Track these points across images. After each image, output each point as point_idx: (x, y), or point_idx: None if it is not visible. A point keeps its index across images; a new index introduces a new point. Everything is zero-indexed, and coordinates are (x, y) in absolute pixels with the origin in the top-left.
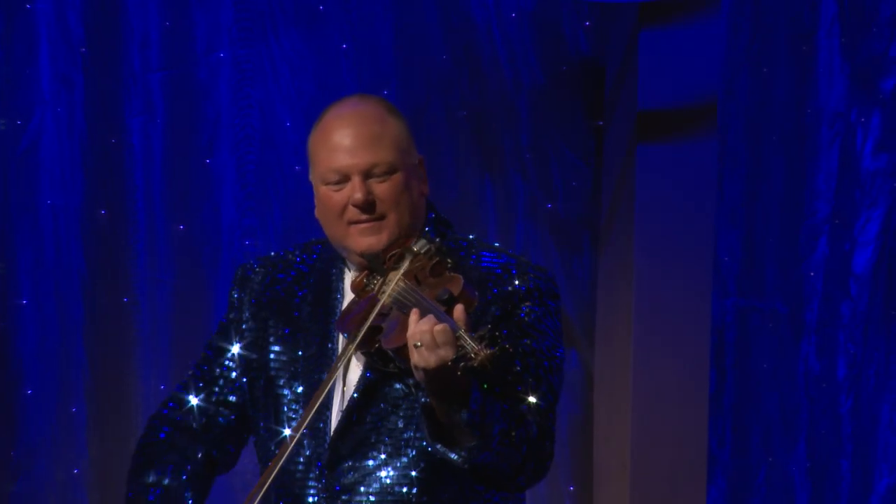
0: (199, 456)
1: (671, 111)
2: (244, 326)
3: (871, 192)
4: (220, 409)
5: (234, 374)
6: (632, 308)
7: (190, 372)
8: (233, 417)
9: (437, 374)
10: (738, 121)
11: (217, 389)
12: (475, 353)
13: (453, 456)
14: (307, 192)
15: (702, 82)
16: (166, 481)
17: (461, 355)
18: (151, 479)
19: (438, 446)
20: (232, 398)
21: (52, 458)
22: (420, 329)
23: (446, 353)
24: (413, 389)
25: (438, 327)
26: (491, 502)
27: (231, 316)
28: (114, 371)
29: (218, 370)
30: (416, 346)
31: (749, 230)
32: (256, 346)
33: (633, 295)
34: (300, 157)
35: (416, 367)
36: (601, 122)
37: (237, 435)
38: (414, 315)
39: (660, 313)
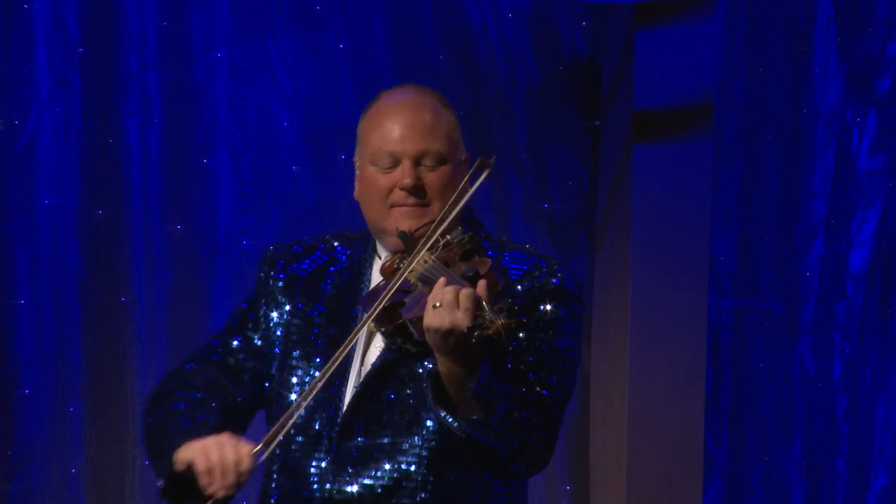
0: (225, 390)
1: (667, 111)
2: (271, 302)
3: (867, 192)
4: (235, 377)
5: (254, 342)
6: (628, 308)
7: (207, 343)
8: (245, 390)
9: (449, 339)
10: (733, 121)
11: (242, 352)
12: (491, 322)
13: (453, 422)
14: (304, 191)
15: (698, 82)
16: (196, 394)
17: (478, 324)
18: (179, 393)
19: (441, 413)
20: (248, 370)
21: (48, 457)
22: (443, 290)
23: (462, 318)
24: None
25: (464, 291)
26: (495, 491)
27: (259, 290)
28: (110, 370)
29: (240, 338)
30: (434, 307)
31: (745, 230)
32: (278, 321)
33: (630, 295)
34: (297, 156)
35: (428, 329)
36: (597, 122)
37: (251, 404)
38: (441, 281)
39: (656, 313)
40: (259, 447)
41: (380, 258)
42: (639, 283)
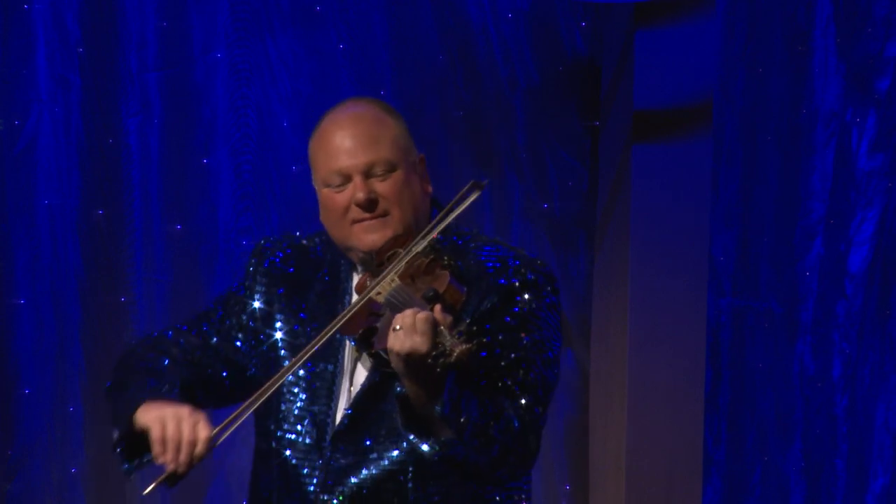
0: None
1: (666, 111)
2: (256, 297)
3: (867, 192)
4: (213, 356)
5: (234, 334)
6: (627, 308)
7: (194, 317)
8: (222, 371)
9: (410, 362)
10: (733, 121)
11: (215, 341)
12: (451, 349)
13: (424, 447)
14: (304, 192)
15: (697, 82)
16: (165, 361)
17: (439, 352)
18: (149, 354)
19: (411, 436)
20: (226, 354)
21: (48, 457)
22: (402, 314)
23: (421, 342)
24: None
25: (421, 315)
26: (482, 498)
27: (245, 283)
28: (110, 370)
29: (219, 325)
30: (394, 330)
31: (744, 230)
32: (262, 319)
33: (629, 295)
34: (297, 157)
35: (390, 351)
36: (597, 122)
37: (221, 388)
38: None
39: (655, 313)
40: (216, 431)
41: (356, 271)
42: (638, 283)
